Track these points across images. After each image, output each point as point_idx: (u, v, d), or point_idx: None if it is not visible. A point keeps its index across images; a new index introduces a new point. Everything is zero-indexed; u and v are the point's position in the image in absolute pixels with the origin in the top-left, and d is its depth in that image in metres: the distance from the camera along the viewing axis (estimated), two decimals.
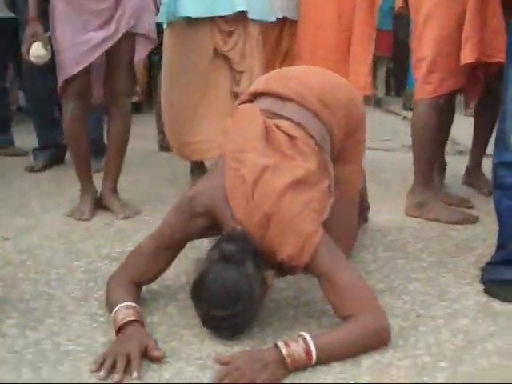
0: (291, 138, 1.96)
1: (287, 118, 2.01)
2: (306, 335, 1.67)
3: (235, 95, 3.10)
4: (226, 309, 1.73)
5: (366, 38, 3.20)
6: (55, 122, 3.87)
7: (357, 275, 1.87)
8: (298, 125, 2.00)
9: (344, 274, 1.80)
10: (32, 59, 2.79)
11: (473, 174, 3.51)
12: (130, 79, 2.97)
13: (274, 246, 1.80)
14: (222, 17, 3.04)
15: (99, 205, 3.01)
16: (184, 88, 3.11)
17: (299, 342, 1.66)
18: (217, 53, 3.11)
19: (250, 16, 3.06)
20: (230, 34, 3.10)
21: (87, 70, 2.84)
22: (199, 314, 1.82)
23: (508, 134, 2.12)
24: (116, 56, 2.87)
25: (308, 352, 1.65)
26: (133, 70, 2.99)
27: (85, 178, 3.01)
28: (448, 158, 3.66)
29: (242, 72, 3.15)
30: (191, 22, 3.03)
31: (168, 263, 2.00)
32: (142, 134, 4.50)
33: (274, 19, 3.25)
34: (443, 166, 3.34)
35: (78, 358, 1.72)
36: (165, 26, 3.16)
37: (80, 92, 2.87)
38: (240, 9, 3.00)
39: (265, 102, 2.09)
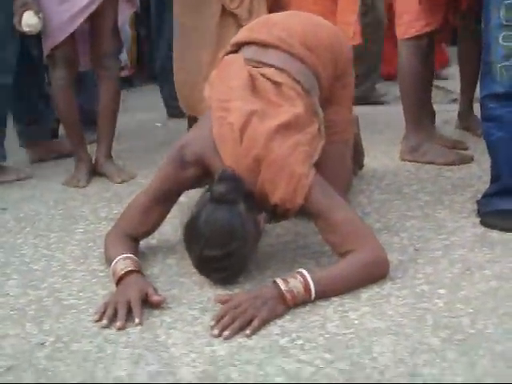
0: (276, 84, 1.95)
1: (271, 65, 2.00)
2: (304, 271, 1.69)
3: None
4: (219, 248, 1.72)
5: None
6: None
7: (352, 212, 1.89)
8: (282, 70, 1.99)
9: (339, 212, 1.80)
10: (25, 29, 2.76)
11: (465, 117, 3.49)
12: (115, 41, 2.95)
13: (265, 189, 1.81)
14: None
15: (95, 172, 3.01)
16: (194, 46, 3.08)
17: (297, 278, 1.67)
18: (224, 10, 3.07)
19: None
20: None
21: (72, 37, 2.84)
22: (192, 257, 1.81)
23: (493, 65, 2.10)
24: (99, 20, 2.87)
25: (307, 287, 1.66)
26: (117, 33, 2.97)
27: (78, 145, 3.01)
28: (441, 107, 3.66)
29: None
30: None
31: (163, 215, 2.00)
32: (134, 107, 4.50)
33: None
34: (432, 112, 3.32)
35: (79, 310, 1.74)
36: None
37: (67, 59, 2.87)
38: None
39: (249, 51, 2.08)
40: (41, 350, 1.55)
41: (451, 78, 4.90)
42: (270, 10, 3.29)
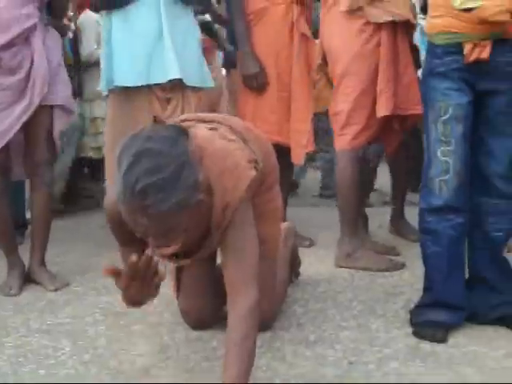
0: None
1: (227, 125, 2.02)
2: None
3: None
4: (151, 160, 1.59)
5: (305, 98, 3.28)
6: None
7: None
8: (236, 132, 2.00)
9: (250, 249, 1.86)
10: None
11: (397, 222, 3.61)
12: (49, 149, 2.95)
13: (208, 180, 1.76)
14: (159, 84, 3.04)
15: (28, 279, 2.96)
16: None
17: None
18: (156, 120, 3.13)
19: (186, 82, 3.06)
20: (168, 100, 3.09)
21: (6, 146, 2.84)
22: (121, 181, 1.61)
23: (433, 180, 2.19)
24: (33, 128, 2.88)
25: None
26: (52, 142, 2.96)
27: (10, 252, 2.97)
28: (374, 209, 3.76)
29: None
30: (129, 90, 3.05)
31: None
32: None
33: (211, 85, 3.27)
34: (365, 217, 3.42)
35: None
36: (104, 94, 3.19)
37: (1, 168, 2.86)
38: (174, 76, 2.99)
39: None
40: None
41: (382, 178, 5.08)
42: None
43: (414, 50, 3.30)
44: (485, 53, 2.09)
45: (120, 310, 2.53)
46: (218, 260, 2.10)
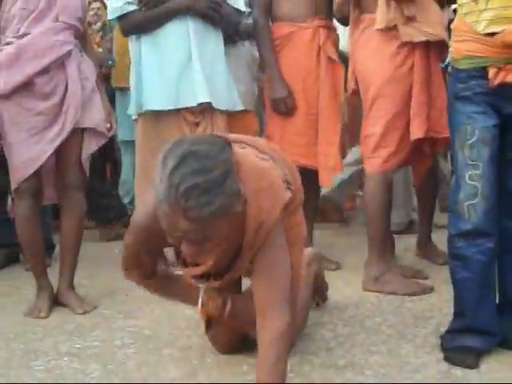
0: None
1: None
2: None
3: None
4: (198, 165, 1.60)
5: (332, 121, 3.30)
6: (7, 221, 3.84)
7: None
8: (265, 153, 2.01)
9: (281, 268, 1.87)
10: None
11: (424, 246, 3.58)
12: (80, 173, 2.98)
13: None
14: (188, 108, 3.08)
15: (56, 301, 2.98)
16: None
17: None
18: None
19: (215, 106, 3.09)
20: (197, 124, 3.12)
21: (38, 169, 2.87)
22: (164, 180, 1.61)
23: (461, 204, 2.17)
24: (65, 151, 2.91)
25: None
26: (81, 165, 3.00)
27: (40, 275, 2.99)
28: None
29: None
30: (158, 113, 3.09)
31: None
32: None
33: (240, 108, 3.30)
34: (391, 240, 3.40)
35: None
36: (134, 118, 3.23)
37: (33, 191, 2.89)
38: (203, 100, 3.03)
39: None
40: None
41: None
42: None
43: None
44: (510, 76, 2.08)
45: (148, 334, 2.55)
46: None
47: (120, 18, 3.14)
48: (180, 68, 3.06)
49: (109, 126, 3.15)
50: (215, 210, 1.59)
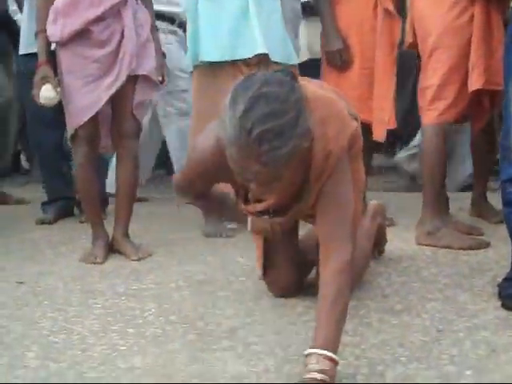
0: None
1: None
2: (313, 351, 1.60)
3: None
4: (272, 106, 1.54)
5: (388, 75, 3.26)
6: (62, 175, 3.92)
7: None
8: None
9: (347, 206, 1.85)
10: (42, 101, 2.84)
11: (479, 205, 3.51)
12: (135, 122, 3.01)
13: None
14: (244, 60, 3.09)
15: (111, 249, 3.02)
16: None
17: (317, 362, 1.58)
18: None
19: (272, 58, 3.09)
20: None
21: (96, 116, 2.91)
22: (233, 119, 1.56)
23: None
24: (120, 100, 2.93)
25: (328, 358, 1.59)
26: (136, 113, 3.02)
27: (96, 223, 3.04)
28: (453, 194, 3.69)
29: None
30: (214, 65, 3.11)
31: None
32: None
33: (296, 62, 3.30)
34: (446, 198, 3.35)
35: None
36: (190, 70, 3.25)
37: (90, 138, 2.93)
38: (260, 51, 3.03)
39: None
40: None
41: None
42: None
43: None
44: None
45: (203, 278, 2.57)
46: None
47: None
48: (237, 19, 3.06)
49: (161, 78, 3.17)
50: (289, 152, 1.55)
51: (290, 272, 2.26)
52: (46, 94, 2.82)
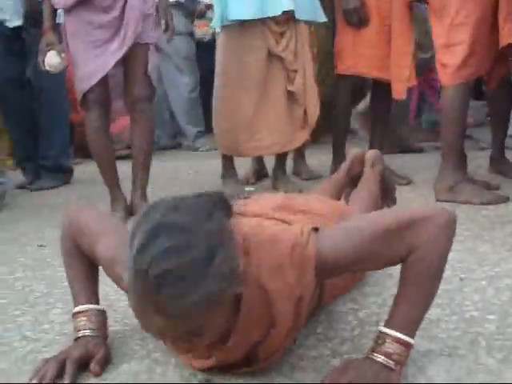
0: None
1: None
2: (383, 329, 1.38)
3: (290, 93, 3.26)
4: (172, 254, 1.15)
5: (406, 30, 3.23)
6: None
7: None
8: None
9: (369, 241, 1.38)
10: (47, 68, 2.90)
11: (497, 160, 3.50)
12: (147, 86, 3.02)
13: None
14: (273, 18, 3.11)
15: (131, 214, 3.04)
16: (240, 89, 3.20)
17: (385, 341, 1.36)
18: (270, 53, 3.18)
19: (299, 16, 3.14)
20: (282, 34, 3.19)
21: (104, 81, 2.93)
22: (128, 276, 1.20)
23: None
24: (131, 65, 2.98)
25: (399, 341, 1.36)
26: (149, 78, 3.05)
27: (113, 186, 3.07)
28: (472, 153, 3.67)
29: (295, 71, 3.26)
30: (243, 25, 3.12)
31: None
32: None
33: (323, 20, 3.32)
34: (464, 155, 3.32)
35: (125, 335, 1.73)
36: (218, 31, 3.26)
37: (100, 102, 2.95)
38: (288, 8, 3.07)
39: None
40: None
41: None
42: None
43: None
44: None
45: None
46: None
47: None
48: None
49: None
50: (198, 301, 1.16)
51: None
52: (51, 60, 2.87)
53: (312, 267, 1.35)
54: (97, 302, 1.63)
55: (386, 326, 1.39)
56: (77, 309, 1.61)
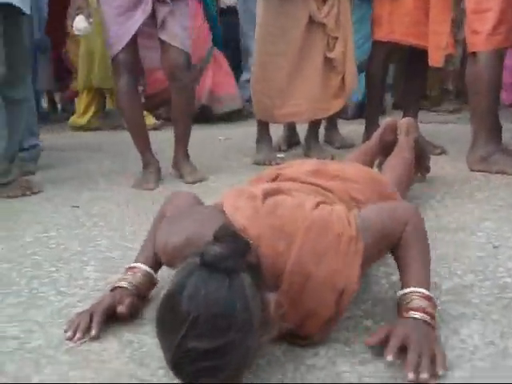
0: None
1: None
2: (408, 290, 1.40)
3: (328, 61, 3.25)
4: (209, 339, 1.11)
5: None
6: None
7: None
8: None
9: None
10: (76, 32, 2.96)
11: None
12: (184, 53, 2.99)
13: (303, 262, 1.35)
14: None
15: (162, 173, 3.12)
16: (279, 54, 3.19)
17: (414, 299, 1.38)
18: (311, 19, 3.17)
19: None
20: (324, 1, 3.17)
21: (132, 47, 2.95)
22: (167, 350, 1.16)
23: None
24: (163, 34, 2.94)
25: (426, 297, 1.39)
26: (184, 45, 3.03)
27: (145, 149, 3.08)
28: (507, 125, 3.62)
29: (336, 38, 3.24)
30: None
31: None
32: None
33: None
34: (499, 126, 3.28)
35: (156, 293, 1.75)
36: None
37: (129, 67, 2.96)
38: None
39: None
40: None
41: None
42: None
43: None
44: None
45: None
46: None
47: None
48: None
49: None
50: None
51: None
52: (79, 24, 2.92)
53: (359, 264, 1.37)
54: (151, 266, 1.66)
55: (406, 286, 1.42)
56: (131, 264, 1.68)
